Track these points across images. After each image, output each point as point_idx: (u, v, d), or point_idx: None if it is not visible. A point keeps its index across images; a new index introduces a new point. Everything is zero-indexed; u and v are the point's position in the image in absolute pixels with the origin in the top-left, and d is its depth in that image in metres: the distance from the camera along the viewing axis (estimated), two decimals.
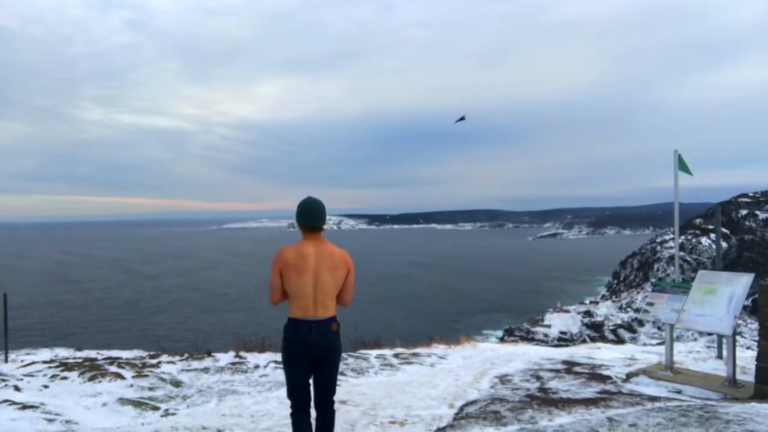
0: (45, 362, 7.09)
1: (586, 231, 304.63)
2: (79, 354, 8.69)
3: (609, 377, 5.89)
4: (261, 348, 8.43)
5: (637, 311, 62.20)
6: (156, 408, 5.14)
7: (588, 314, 71.18)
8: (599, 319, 69.16)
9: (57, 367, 6.48)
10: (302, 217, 3.06)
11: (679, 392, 5.16)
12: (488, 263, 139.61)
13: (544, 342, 54.99)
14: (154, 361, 7.20)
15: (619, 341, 50.45)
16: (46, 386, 5.69)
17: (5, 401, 4.79)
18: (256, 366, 6.96)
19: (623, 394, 4.98)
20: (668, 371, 5.77)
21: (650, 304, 6.03)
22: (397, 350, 8.80)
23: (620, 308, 72.22)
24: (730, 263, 64.66)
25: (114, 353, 8.54)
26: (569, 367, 6.62)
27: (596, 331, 64.95)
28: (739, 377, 5.28)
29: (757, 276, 5.62)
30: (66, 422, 4.49)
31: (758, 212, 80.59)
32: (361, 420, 4.55)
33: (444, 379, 6.38)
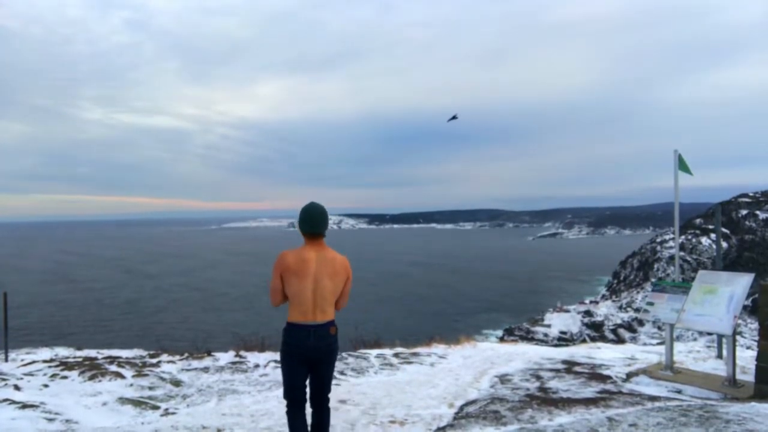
0: (45, 361, 7.09)
1: (586, 231, 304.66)
2: (79, 353, 8.69)
3: (609, 377, 5.89)
4: (261, 347, 8.43)
5: (637, 311, 62.19)
6: (156, 407, 5.15)
7: (588, 314, 71.22)
8: (599, 319, 69.19)
9: (57, 367, 6.49)
10: (304, 224, 3.11)
11: (679, 392, 5.17)
12: (488, 263, 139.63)
13: (544, 342, 55.01)
14: (154, 361, 7.21)
15: (619, 341, 50.46)
16: (46, 385, 5.69)
17: (5, 400, 4.79)
18: (256, 365, 6.96)
19: (623, 394, 4.98)
20: (668, 371, 5.77)
21: (650, 304, 6.03)
22: (397, 350, 8.80)
23: (620, 308, 72.26)
24: (730, 263, 64.68)
25: (114, 352, 8.54)
26: (569, 367, 6.62)
27: (596, 331, 64.98)
28: (739, 377, 5.29)
29: (757, 276, 5.63)
30: (66, 421, 4.49)
31: (758, 212, 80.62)
32: (361, 419, 4.55)
33: (444, 379, 6.38)
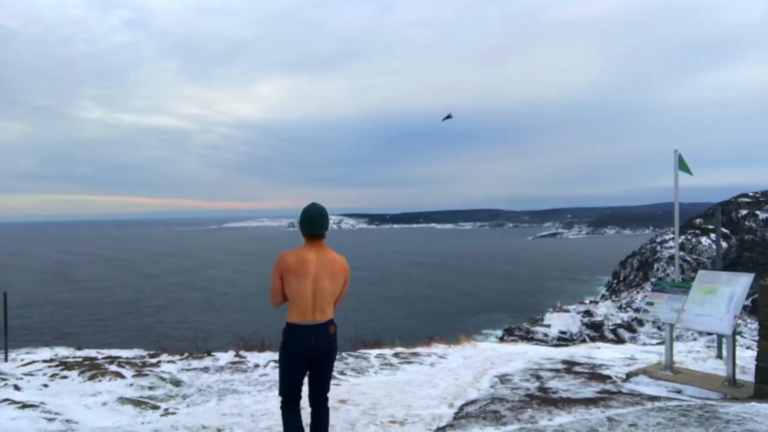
0: (45, 361, 7.09)
1: (586, 231, 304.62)
2: (79, 353, 8.69)
3: (609, 377, 5.89)
4: (261, 347, 8.43)
5: (637, 311, 62.19)
6: (156, 407, 5.15)
7: (588, 314, 71.22)
8: (599, 319, 69.20)
9: (57, 366, 6.48)
10: (305, 225, 3.13)
11: (679, 392, 5.16)
12: (488, 263, 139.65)
13: (544, 342, 55.02)
14: (154, 361, 7.21)
15: (619, 341, 50.47)
16: (46, 385, 5.69)
17: (5, 400, 4.79)
18: (256, 365, 6.96)
19: (623, 394, 4.98)
20: (668, 371, 5.77)
21: (650, 304, 6.03)
22: (397, 350, 8.80)
23: (620, 308, 72.26)
24: (730, 263, 64.70)
25: (114, 352, 8.54)
26: (569, 367, 6.62)
27: (596, 331, 64.98)
28: (739, 377, 5.28)
29: (757, 276, 5.62)
30: (66, 421, 4.49)
31: (758, 212, 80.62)
32: (361, 419, 4.55)
33: (444, 379, 6.38)
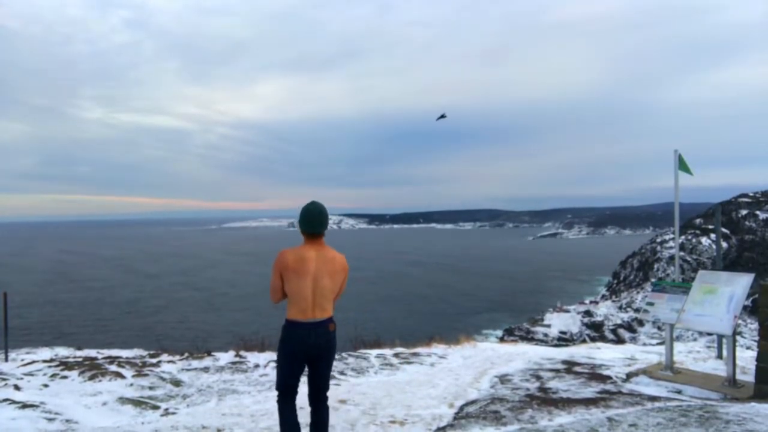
0: (45, 361, 7.09)
1: (586, 231, 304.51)
2: (79, 353, 8.69)
3: (609, 377, 5.89)
4: (261, 347, 8.43)
5: (637, 311, 62.19)
6: (156, 407, 5.15)
7: (588, 314, 71.19)
8: (599, 319, 69.16)
9: (57, 366, 6.49)
10: (304, 223, 3.15)
11: (679, 392, 5.16)
12: (488, 263, 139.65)
13: (544, 342, 55.00)
14: (154, 361, 7.21)
15: (619, 341, 50.46)
16: (46, 385, 5.69)
17: (5, 400, 4.79)
18: (256, 365, 6.96)
19: (623, 394, 4.98)
20: (668, 371, 5.77)
21: (650, 304, 6.03)
22: (397, 350, 8.80)
23: (620, 308, 72.22)
24: (730, 263, 64.67)
25: (114, 352, 8.54)
26: (569, 367, 6.62)
27: (596, 331, 64.96)
28: (739, 377, 5.28)
29: (757, 276, 5.62)
30: (66, 421, 4.49)
31: (758, 212, 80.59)
32: (361, 419, 4.55)
33: (444, 379, 6.38)
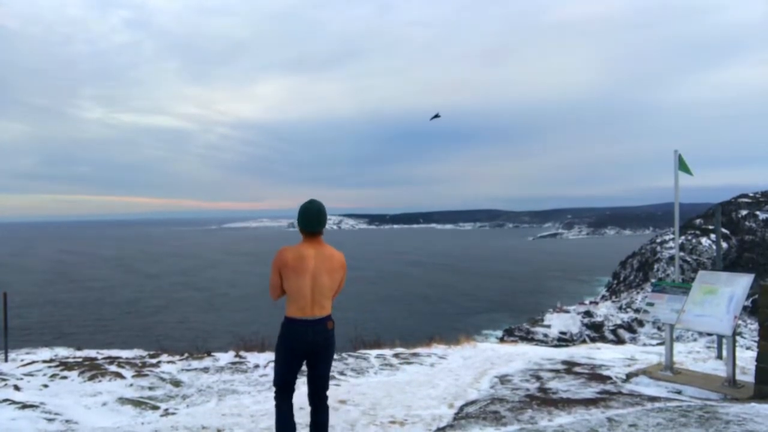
0: (45, 362, 7.09)
1: (586, 231, 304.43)
2: (79, 353, 8.69)
3: (609, 377, 5.89)
4: (261, 348, 8.43)
5: (637, 311, 62.19)
6: (156, 407, 5.14)
7: (588, 314, 71.19)
8: (599, 320, 69.17)
9: (57, 367, 6.48)
10: (303, 222, 3.17)
11: (679, 392, 5.16)
12: (488, 263, 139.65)
13: (544, 342, 54.99)
14: (154, 361, 7.21)
15: (619, 341, 50.45)
16: (46, 386, 5.69)
17: (5, 400, 4.79)
18: (256, 366, 6.96)
19: (623, 395, 4.98)
20: (668, 371, 5.77)
21: (650, 305, 6.03)
22: (397, 350, 8.80)
23: (620, 308, 72.22)
24: (730, 264, 64.67)
25: (114, 353, 8.54)
26: (569, 368, 6.62)
27: (596, 332, 64.96)
28: (739, 377, 5.28)
29: (757, 276, 5.62)
30: (66, 422, 4.49)
31: (758, 213, 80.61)
32: (361, 420, 4.55)
33: (444, 379, 6.38)
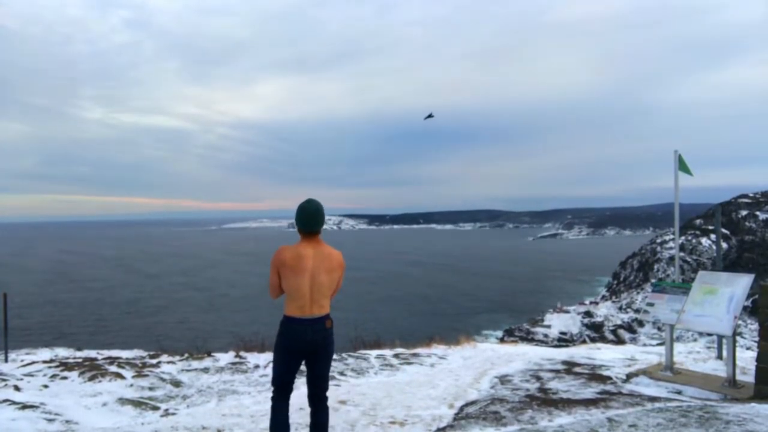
0: (45, 362, 7.09)
1: (587, 231, 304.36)
2: (79, 354, 8.69)
3: (609, 378, 5.89)
4: (261, 348, 8.42)
5: (637, 312, 62.17)
6: (156, 408, 5.15)
7: (588, 314, 71.17)
8: (599, 320, 69.15)
9: (57, 367, 6.48)
10: (301, 222, 3.18)
11: (679, 393, 5.16)
12: (488, 263, 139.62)
13: (544, 342, 54.96)
14: (154, 361, 7.20)
15: (619, 342, 50.42)
16: (46, 386, 5.69)
17: (5, 401, 4.79)
18: (256, 366, 6.96)
19: (623, 395, 4.98)
20: (668, 372, 5.77)
21: (650, 305, 6.03)
22: (397, 350, 8.80)
23: (620, 309, 72.20)
24: (730, 264, 64.65)
25: (114, 353, 8.54)
26: (569, 368, 6.62)
27: (596, 332, 64.95)
28: (739, 378, 5.29)
29: (757, 277, 5.63)
30: (66, 422, 4.49)
31: (758, 213, 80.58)
32: (361, 420, 4.55)
33: (444, 380, 6.38)
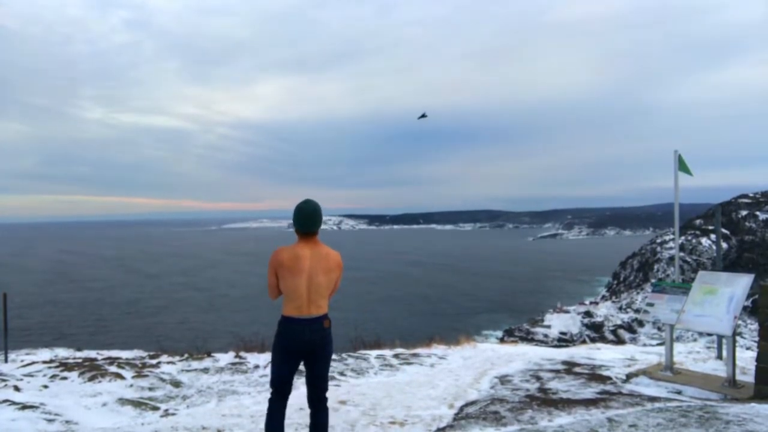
0: (45, 362, 7.09)
1: (586, 231, 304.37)
2: (79, 354, 8.69)
3: (609, 378, 5.89)
4: (261, 348, 8.42)
5: (637, 312, 62.18)
6: (156, 408, 5.14)
7: (588, 315, 71.19)
8: (599, 320, 69.16)
9: (57, 367, 6.48)
10: (298, 222, 3.19)
11: (679, 393, 5.16)
12: (488, 263, 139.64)
13: (544, 342, 54.95)
14: (154, 362, 7.20)
15: (619, 342, 50.41)
16: (46, 386, 5.69)
17: (5, 401, 4.79)
18: (256, 366, 6.96)
19: (623, 395, 4.98)
20: (668, 372, 5.77)
21: (650, 305, 6.03)
22: (397, 350, 8.80)
23: (620, 309, 72.22)
24: (730, 264, 64.64)
25: (114, 353, 8.54)
26: (569, 368, 6.62)
27: (596, 332, 64.96)
28: (739, 378, 5.29)
29: (757, 277, 5.63)
30: (66, 422, 4.49)
31: (758, 213, 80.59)
32: (361, 420, 4.55)
33: (444, 380, 6.38)
